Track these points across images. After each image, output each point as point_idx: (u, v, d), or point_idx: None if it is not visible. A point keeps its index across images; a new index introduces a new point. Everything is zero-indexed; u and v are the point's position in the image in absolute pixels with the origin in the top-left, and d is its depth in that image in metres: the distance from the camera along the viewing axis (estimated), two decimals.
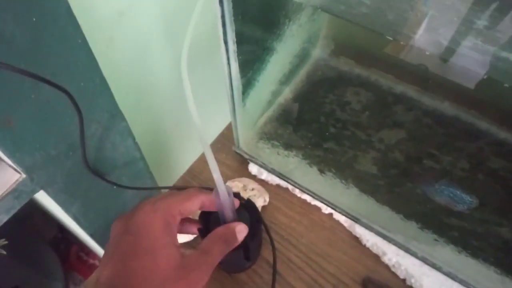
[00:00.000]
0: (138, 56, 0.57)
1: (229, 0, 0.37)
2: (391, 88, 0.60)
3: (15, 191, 0.37)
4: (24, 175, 0.37)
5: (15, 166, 0.36)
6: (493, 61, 0.29)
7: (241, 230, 0.38)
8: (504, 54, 0.28)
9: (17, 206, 0.38)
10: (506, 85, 0.29)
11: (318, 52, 0.64)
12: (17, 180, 0.36)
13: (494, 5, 0.29)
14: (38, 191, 0.40)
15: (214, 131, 0.67)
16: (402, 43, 0.30)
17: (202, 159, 0.64)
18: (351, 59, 0.63)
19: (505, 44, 0.28)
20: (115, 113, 0.47)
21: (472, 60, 0.30)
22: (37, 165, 0.38)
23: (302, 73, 0.64)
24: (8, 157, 0.35)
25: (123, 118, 0.49)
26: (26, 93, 0.34)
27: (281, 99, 0.62)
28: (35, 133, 0.37)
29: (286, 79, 0.61)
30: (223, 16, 0.39)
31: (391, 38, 0.30)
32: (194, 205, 0.36)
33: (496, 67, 0.29)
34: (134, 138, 0.53)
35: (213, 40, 0.41)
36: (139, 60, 0.57)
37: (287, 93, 0.62)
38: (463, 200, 0.51)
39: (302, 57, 0.61)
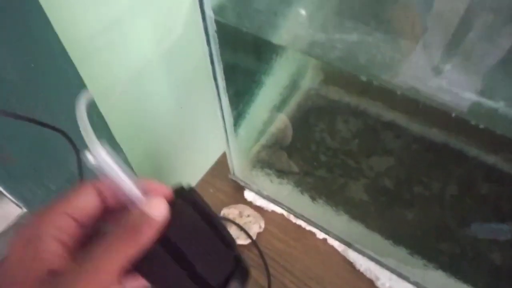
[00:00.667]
0: (133, 87, 0.59)
1: (216, 41, 0.40)
2: (380, 115, 0.62)
3: (16, 225, 0.38)
4: (25, 209, 0.39)
5: (16, 201, 0.38)
6: (459, 100, 0.31)
7: (155, 206, 0.25)
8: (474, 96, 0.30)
9: None
10: (472, 122, 0.30)
11: (308, 82, 0.66)
12: (18, 215, 0.38)
13: (463, 50, 0.32)
14: None
15: (210, 158, 0.68)
16: (375, 83, 0.32)
17: (200, 184, 0.66)
18: (341, 88, 0.65)
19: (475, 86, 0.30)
20: (113, 146, 0.50)
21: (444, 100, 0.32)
22: (37, 199, 0.40)
23: (293, 103, 0.66)
24: (9, 192, 0.37)
25: (120, 150, 0.51)
26: (25, 132, 0.37)
27: (272, 129, 0.64)
28: (35, 169, 0.39)
29: (277, 110, 0.63)
30: (211, 55, 0.41)
31: (364, 79, 0.32)
32: (85, 197, 0.26)
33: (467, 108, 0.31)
34: (132, 169, 0.55)
35: (205, 71, 0.43)
36: (135, 91, 0.59)
37: (279, 122, 0.64)
38: (503, 231, 0.52)
39: (292, 87, 0.64)
